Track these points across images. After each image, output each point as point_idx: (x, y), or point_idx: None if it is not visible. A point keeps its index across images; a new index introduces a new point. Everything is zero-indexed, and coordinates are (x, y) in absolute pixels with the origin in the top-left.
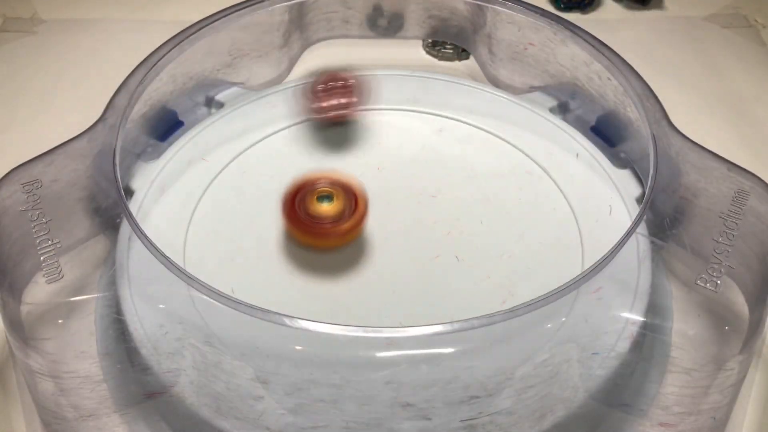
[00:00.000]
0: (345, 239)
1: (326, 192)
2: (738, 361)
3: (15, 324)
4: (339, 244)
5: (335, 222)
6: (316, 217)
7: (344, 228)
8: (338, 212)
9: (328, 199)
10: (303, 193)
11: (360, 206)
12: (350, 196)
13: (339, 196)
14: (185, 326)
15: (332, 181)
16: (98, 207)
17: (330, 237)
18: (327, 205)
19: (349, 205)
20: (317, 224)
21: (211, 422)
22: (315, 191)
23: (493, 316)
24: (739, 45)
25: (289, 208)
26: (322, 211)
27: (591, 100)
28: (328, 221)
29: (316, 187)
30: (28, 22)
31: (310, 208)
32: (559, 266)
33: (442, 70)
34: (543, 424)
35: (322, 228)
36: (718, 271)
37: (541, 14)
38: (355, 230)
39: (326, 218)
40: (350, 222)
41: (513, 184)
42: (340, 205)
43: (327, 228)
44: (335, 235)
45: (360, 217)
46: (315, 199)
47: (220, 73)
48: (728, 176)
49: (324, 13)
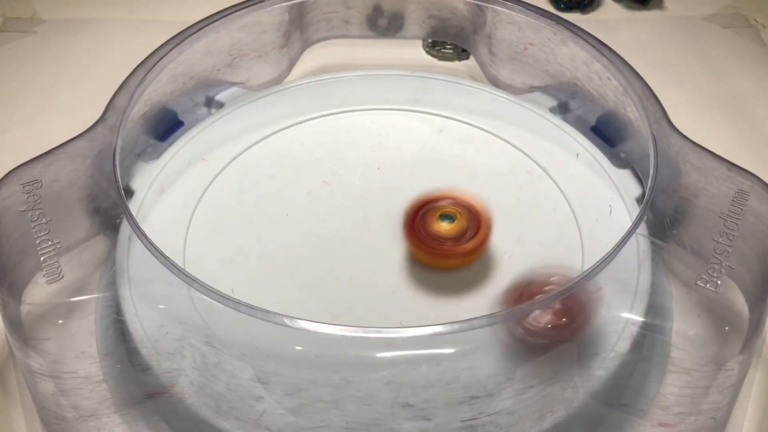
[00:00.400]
0: (467, 260)
1: (449, 212)
2: (738, 362)
3: (15, 324)
4: (460, 265)
5: (456, 241)
6: (437, 237)
7: (466, 248)
8: (460, 232)
9: (449, 219)
10: (424, 211)
11: (483, 227)
12: (473, 216)
13: (462, 216)
14: (185, 326)
15: (455, 201)
16: (98, 207)
17: (451, 258)
18: (448, 224)
19: (472, 225)
20: (439, 244)
21: (211, 422)
22: (438, 210)
23: (493, 317)
24: (739, 45)
25: (409, 227)
26: (443, 230)
27: (591, 100)
28: (449, 241)
29: (439, 205)
30: (28, 22)
31: (432, 227)
32: (559, 266)
33: (442, 70)
34: (543, 424)
35: (443, 248)
36: (718, 272)
37: (541, 14)
38: (478, 251)
39: (447, 238)
40: (473, 242)
41: (513, 184)
42: (462, 224)
43: (447, 248)
44: (456, 255)
45: (483, 237)
46: (437, 218)
47: (220, 73)
48: (728, 176)
49: (324, 13)
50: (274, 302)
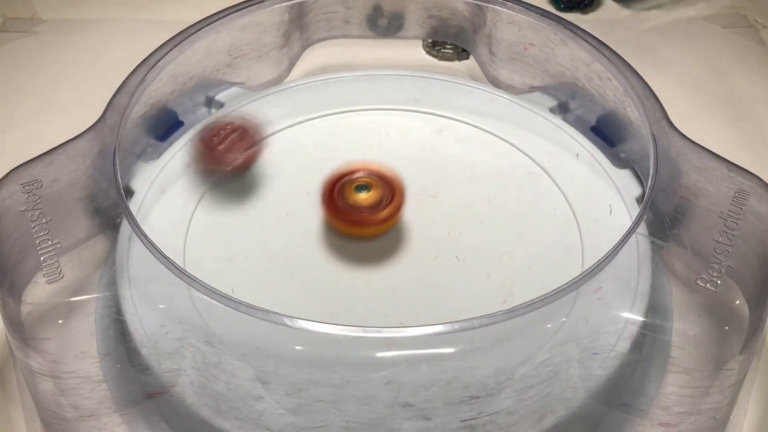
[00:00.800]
0: (382, 228)
1: (364, 182)
2: (738, 361)
3: (15, 324)
4: (377, 233)
5: (373, 210)
6: (355, 207)
7: (381, 216)
8: (375, 201)
9: (366, 189)
10: (341, 183)
11: (397, 196)
12: (388, 186)
13: (377, 186)
14: (185, 326)
15: (370, 172)
16: (98, 207)
17: (368, 226)
18: (365, 194)
19: (386, 194)
20: (356, 213)
21: (211, 422)
22: (354, 181)
23: (493, 316)
24: (739, 45)
25: (328, 198)
26: (360, 200)
27: (591, 100)
28: (366, 210)
29: (355, 177)
30: (28, 22)
31: (349, 198)
32: (559, 266)
33: (442, 70)
34: (543, 424)
35: (361, 217)
36: (718, 271)
37: (541, 14)
38: (392, 219)
39: (364, 208)
40: (387, 210)
41: (513, 184)
42: (377, 194)
43: (365, 217)
44: (373, 223)
45: (397, 206)
46: (353, 189)
47: (220, 73)
48: (728, 176)
49: (324, 13)
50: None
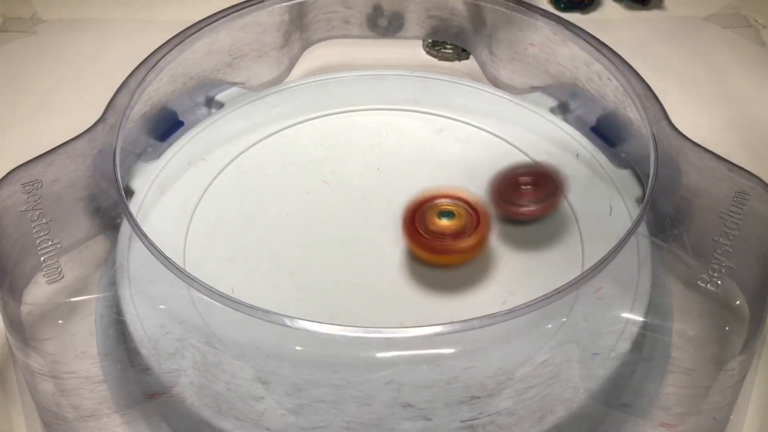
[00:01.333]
0: (466, 257)
1: (448, 209)
2: (738, 362)
3: (15, 324)
4: (460, 262)
5: (456, 238)
6: (437, 234)
7: (465, 245)
8: (459, 228)
9: (449, 216)
10: (423, 209)
11: (482, 224)
12: (473, 213)
13: (461, 213)
14: (185, 327)
15: (455, 198)
16: (98, 207)
17: (451, 254)
18: (448, 221)
19: (471, 222)
20: (438, 241)
21: (211, 423)
22: (437, 207)
23: (493, 317)
24: (739, 45)
25: (409, 224)
26: (443, 227)
27: (591, 101)
28: (448, 237)
29: (438, 203)
30: (28, 22)
31: (431, 224)
32: (559, 266)
33: (442, 70)
34: (543, 424)
35: (443, 245)
36: (718, 272)
37: (541, 14)
38: (477, 248)
39: (447, 234)
40: (472, 239)
41: None
42: (462, 221)
43: (447, 245)
44: (456, 252)
45: (482, 234)
46: (436, 215)
47: (220, 73)
48: (728, 176)
49: (324, 13)
50: (274, 302)
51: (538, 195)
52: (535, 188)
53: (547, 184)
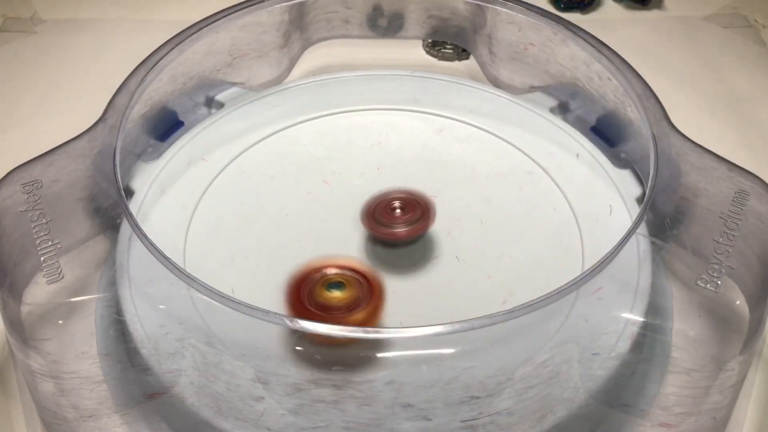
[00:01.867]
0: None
1: (336, 279)
2: (738, 362)
3: (15, 324)
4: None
5: (349, 310)
6: (327, 307)
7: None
8: (351, 300)
9: (338, 287)
10: (310, 282)
11: (375, 292)
12: (363, 282)
13: (351, 283)
14: (185, 327)
15: (341, 267)
16: (98, 207)
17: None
18: (338, 293)
19: (362, 291)
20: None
21: (211, 423)
22: (324, 279)
23: (493, 317)
24: (739, 45)
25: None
26: (333, 299)
27: (591, 100)
28: (341, 310)
29: (325, 275)
30: (28, 22)
31: (319, 297)
32: (559, 266)
33: (442, 70)
34: (543, 424)
35: (336, 318)
36: (718, 272)
37: (541, 14)
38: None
39: (338, 308)
40: (365, 311)
41: (513, 184)
42: (353, 292)
43: (340, 318)
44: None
45: (376, 305)
46: (324, 288)
47: (220, 73)
48: (729, 176)
49: (324, 13)
50: (274, 302)
51: (408, 218)
52: (405, 212)
53: (416, 208)
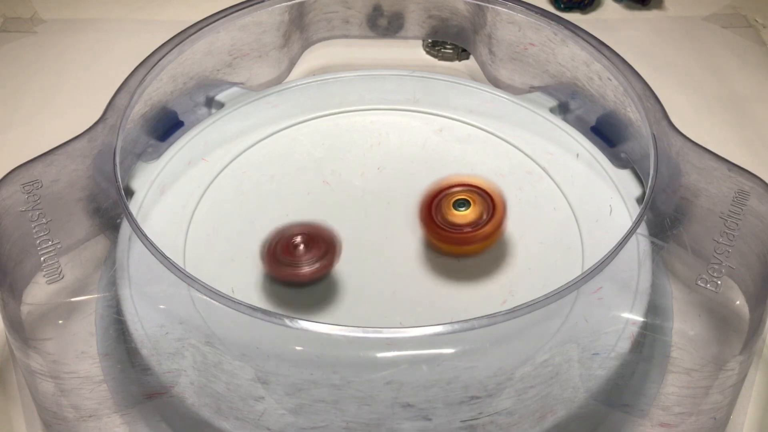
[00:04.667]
0: (485, 244)
1: (463, 198)
2: (738, 362)
3: (15, 324)
4: (479, 250)
5: (475, 227)
6: (455, 224)
7: (484, 232)
8: (476, 217)
9: (464, 205)
10: (439, 199)
11: (498, 209)
12: (487, 200)
13: (476, 201)
14: (185, 327)
15: (468, 186)
16: (98, 207)
17: (471, 243)
18: (464, 211)
19: (486, 209)
20: (456, 231)
21: (211, 423)
22: (452, 197)
23: (493, 317)
24: (739, 45)
25: (426, 216)
26: (460, 217)
27: (591, 100)
28: (467, 227)
29: (453, 192)
30: (28, 22)
31: (448, 215)
32: (559, 266)
33: (442, 70)
34: (543, 424)
35: (462, 234)
36: (718, 272)
37: (541, 14)
38: (495, 234)
39: (465, 225)
40: (490, 226)
41: (513, 184)
42: (477, 210)
43: (467, 234)
44: (475, 240)
45: (499, 220)
46: (451, 205)
47: (220, 73)
48: (729, 176)
49: (324, 13)
50: (274, 302)
51: (312, 255)
52: (309, 248)
53: (320, 243)
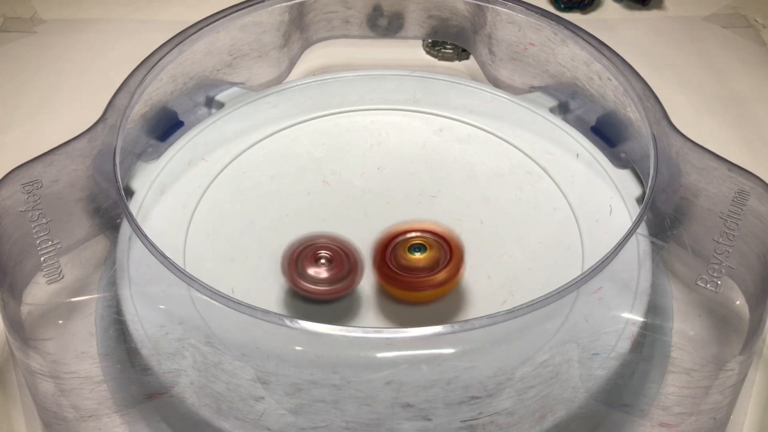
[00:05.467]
0: (439, 292)
1: (419, 243)
2: (738, 362)
3: (15, 324)
4: (433, 297)
5: (429, 272)
6: (408, 268)
7: (438, 279)
8: (431, 263)
9: (420, 250)
10: (395, 243)
11: (455, 256)
12: (444, 247)
13: (433, 247)
14: (185, 327)
15: (426, 231)
16: (98, 207)
17: (423, 288)
18: (419, 255)
19: (443, 255)
20: (409, 276)
21: (211, 423)
22: (408, 241)
23: (493, 317)
24: (739, 45)
25: (379, 259)
26: (414, 261)
27: (591, 100)
28: (421, 272)
29: (409, 237)
30: (28, 22)
31: (402, 258)
32: (559, 266)
33: (442, 70)
34: (543, 424)
35: (415, 279)
36: (718, 272)
37: (541, 14)
38: (451, 281)
39: (419, 269)
40: (445, 272)
41: (513, 184)
42: (433, 255)
43: (420, 279)
44: (428, 286)
45: (455, 267)
46: (407, 249)
47: (220, 73)
48: (728, 176)
49: (324, 13)
50: (274, 302)
51: (335, 273)
52: (332, 265)
53: (344, 261)
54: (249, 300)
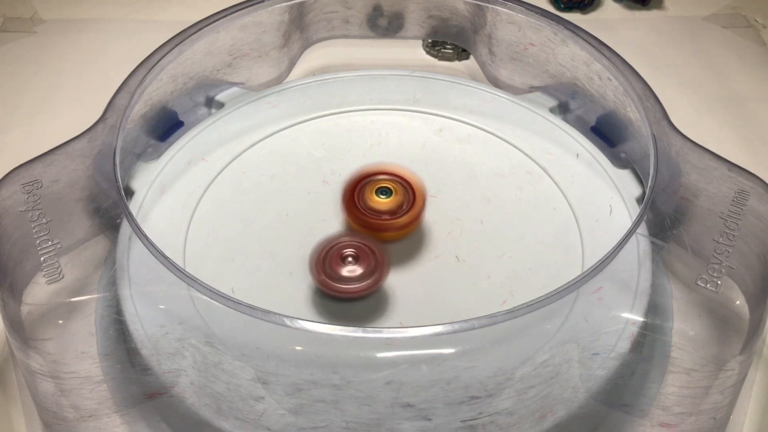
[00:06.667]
0: (400, 233)
1: (386, 186)
2: (738, 362)
3: (15, 324)
4: (395, 238)
5: (393, 215)
6: (375, 211)
7: (400, 222)
8: (396, 206)
9: (386, 193)
10: (363, 185)
11: (418, 201)
12: (409, 191)
13: (398, 191)
14: (185, 327)
15: (392, 175)
16: (98, 207)
17: (387, 230)
18: (385, 198)
19: (407, 199)
20: (375, 217)
21: (211, 423)
22: (375, 184)
23: (493, 317)
24: (739, 45)
25: (348, 200)
26: (381, 204)
27: (591, 100)
28: (386, 215)
29: (376, 180)
30: (28, 22)
31: (369, 201)
32: (559, 266)
33: (442, 70)
34: (543, 424)
35: (380, 221)
36: (718, 272)
37: (541, 14)
38: (413, 224)
39: (384, 212)
40: (407, 216)
41: (513, 184)
42: (398, 199)
43: (385, 222)
44: (391, 228)
45: (417, 211)
46: (374, 192)
47: (220, 73)
48: (728, 176)
49: (324, 13)
50: (274, 302)
51: (362, 271)
52: (359, 263)
53: (370, 258)
54: (249, 300)
